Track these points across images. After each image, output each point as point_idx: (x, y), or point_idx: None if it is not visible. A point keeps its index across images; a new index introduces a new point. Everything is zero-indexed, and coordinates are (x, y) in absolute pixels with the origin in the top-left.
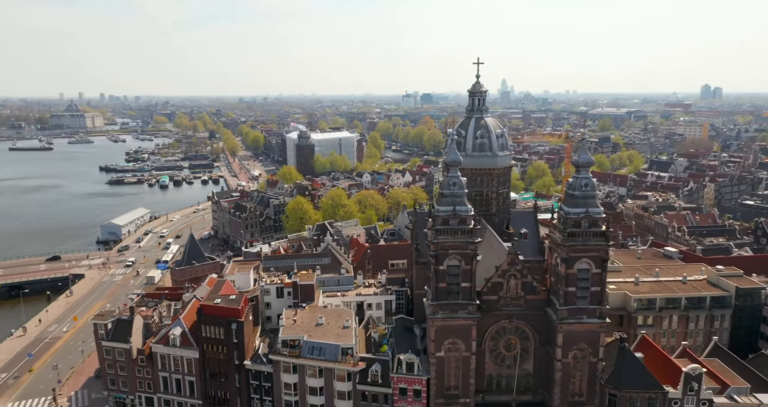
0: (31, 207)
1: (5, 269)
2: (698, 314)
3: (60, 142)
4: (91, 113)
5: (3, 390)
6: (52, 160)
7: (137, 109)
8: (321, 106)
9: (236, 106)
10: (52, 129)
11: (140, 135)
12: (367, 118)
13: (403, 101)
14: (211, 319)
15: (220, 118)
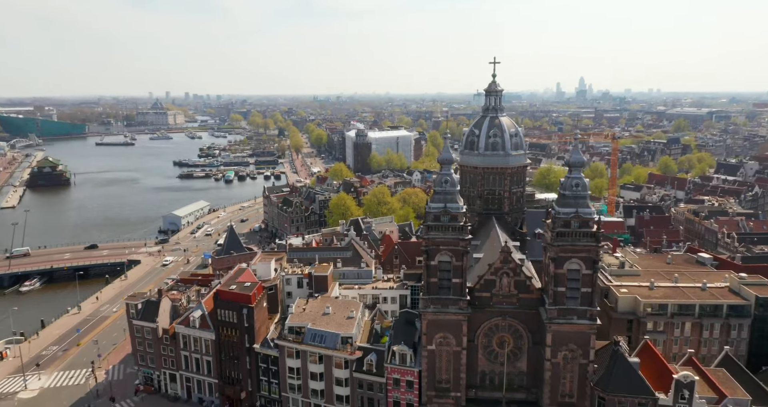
0: (107, 199)
1: (72, 253)
2: (713, 322)
3: (142, 138)
4: (173, 111)
5: (52, 360)
6: (133, 154)
7: (216, 107)
8: (391, 105)
9: (309, 105)
10: (137, 125)
11: (216, 132)
12: (432, 117)
13: (473, 100)
14: (226, 304)
15: (290, 116)
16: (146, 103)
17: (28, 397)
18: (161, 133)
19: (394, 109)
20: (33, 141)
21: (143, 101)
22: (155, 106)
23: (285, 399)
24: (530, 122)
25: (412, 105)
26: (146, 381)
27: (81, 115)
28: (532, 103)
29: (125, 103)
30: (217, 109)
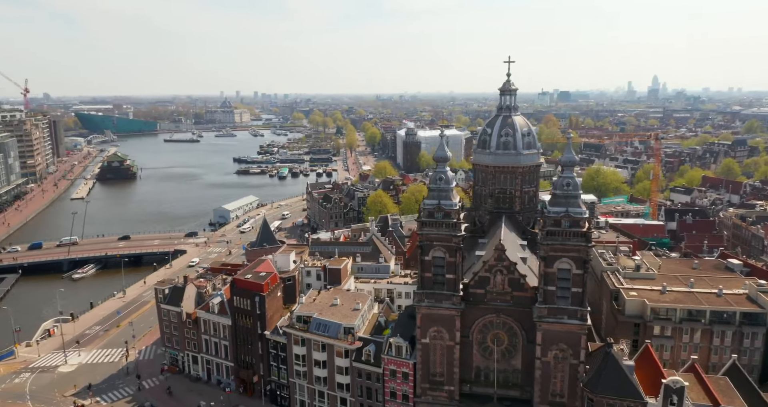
0: (166, 193)
1: (126, 242)
2: (724, 330)
3: (208, 135)
4: (240, 110)
5: (93, 339)
6: (198, 151)
7: (281, 106)
8: (452, 104)
9: (371, 104)
10: (206, 123)
11: (278, 130)
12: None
13: (537, 99)
14: (241, 292)
15: (350, 115)
16: (217, 101)
17: (67, 371)
18: (226, 131)
19: (453, 108)
20: (108, 137)
21: (214, 100)
22: (224, 104)
23: (292, 384)
24: (592, 122)
25: (473, 104)
26: (172, 362)
27: (155, 113)
28: (599, 103)
29: (197, 101)
30: (282, 107)
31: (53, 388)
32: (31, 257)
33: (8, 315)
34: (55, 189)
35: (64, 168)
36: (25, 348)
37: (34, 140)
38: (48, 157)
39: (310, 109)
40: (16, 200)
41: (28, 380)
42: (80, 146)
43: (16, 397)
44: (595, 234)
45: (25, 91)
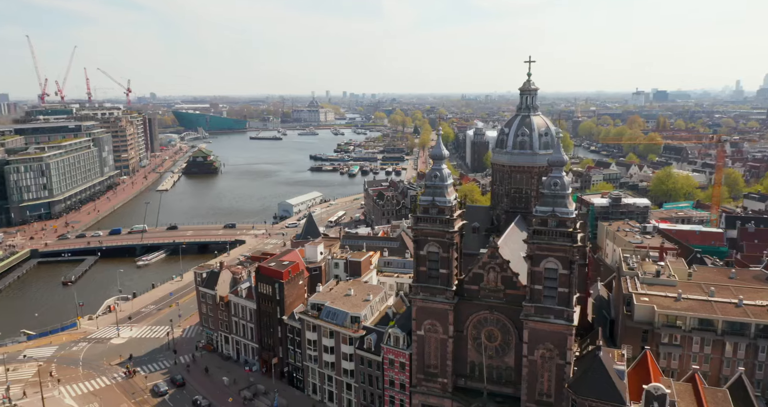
0: (242, 188)
1: (195, 231)
2: (738, 341)
3: (292, 134)
4: (325, 109)
5: (147, 316)
6: (280, 148)
7: (366, 105)
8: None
9: (455, 104)
10: (292, 122)
11: (358, 129)
12: (572, 117)
13: (631, 99)
14: (264, 278)
15: (430, 114)
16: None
17: (118, 343)
18: (309, 130)
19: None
20: (201, 134)
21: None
22: (311, 104)
23: (306, 367)
24: (683, 123)
25: (561, 104)
26: (208, 341)
27: (246, 111)
28: (699, 103)
29: (288, 101)
30: (366, 107)
31: (103, 357)
32: (110, 241)
33: (78, 291)
34: (144, 181)
35: (156, 162)
36: (87, 321)
37: (128, 136)
38: (141, 152)
39: (392, 109)
40: (109, 190)
41: (84, 349)
42: (174, 142)
43: (71, 362)
44: (637, 239)
45: (128, 91)
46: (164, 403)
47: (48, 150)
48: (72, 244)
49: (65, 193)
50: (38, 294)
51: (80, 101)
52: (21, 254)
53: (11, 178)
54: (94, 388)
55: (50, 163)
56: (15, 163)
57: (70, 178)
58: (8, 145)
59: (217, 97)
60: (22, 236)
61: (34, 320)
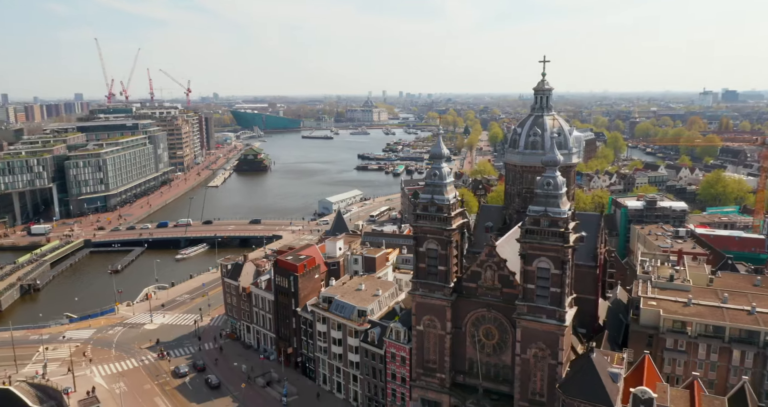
0: (288, 186)
1: (236, 226)
2: (745, 350)
3: (344, 133)
4: (379, 109)
5: (180, 304)
6: (330, 147)
7: (421, 105)
8: (600, 104)
9: (511, 104)
10: (345, 121)
11: (410, 129)
12: (629, 118)
13: (698, 99)
14: (281, 271)
15: (483, 114)
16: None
17: (150, 329)
18: (361, 129)
19: (597, 108)
20: (256, 133)
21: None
22: (366, 104)
23: (317, 358)
24: (749, 125)
25: (622, 104)
26: (232, 330)
27: (302, 111)
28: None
29: (344, 101)
30: (421, 107)
31: (134, 341)
32: (156, 234)
33: (122, 279)
34: (197, 177)
35: (210, 159)
36: (125, 307)
37: (183, 134)
38: (196, 149)
39: (446, 109)
40: (163, 185)
41: (119, 333)
42: (230, 140)
43: (105, 344)
44: (667, 243)
45: (188, 91)
46: (183, 384)
47: (106, 146)
48: (122, 235)
49: (120, 188)
50: (86, 281)
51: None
52: (75, 243)
53: (71, 173)
54: (123, 369)
55: (107, 158)
56: (75, 158)
57: (126, 173)
58: (70, 141)
59: (276, 97)
60: (78, 227)
61: (77, 304)
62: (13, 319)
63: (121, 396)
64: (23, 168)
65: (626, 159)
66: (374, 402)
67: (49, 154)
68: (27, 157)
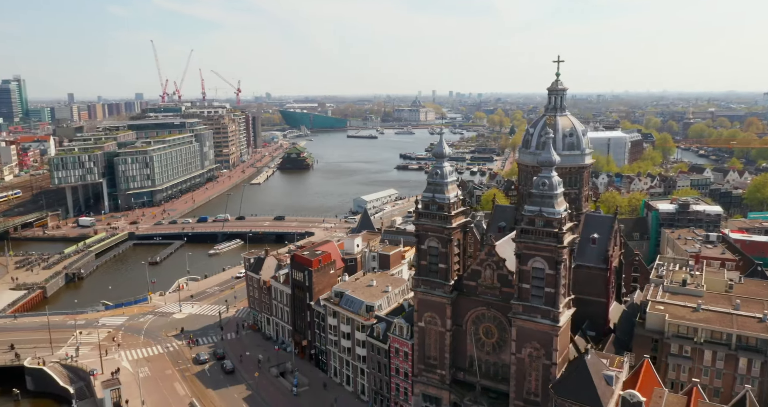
0: (327, 184)
1: (271, 222)
2: (752, 358)
3: (389, 132)
4: (426, 108)
5: (209, 296)
6: (373, 146)
7: (469, 105)
8: (656, 104)
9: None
10: (392, 121)
11: (456, 128)
12: (683, 118)
13: (762, 99)
14: (297, 265)
15: (530, 114)
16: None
17: (178, 318)
18: (407, 129)
19: (651, 109)
20: (303, 132)
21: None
22: (413, 103)
23: (328, 351)
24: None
25: (679, 104)
26: (254, 321)
27: (349, 110)
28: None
29: (394, 100)
30: (469, 107)
31: (162, 329)
32: (196, 228)
33: (159, 270)
34: (241, 175)
35: (256, 157)
36: (158, 297)
37: (229, 132)
38: (243, 147)
39: (494, 108)
40: (208, 182)
41: (149, 321)
42: (276, 139)
43: (135, 331)
44: (695, 248)
45: (238, 91)
46: (202, 371)
47: (153, 144)
48: (164, 229)
49: (166, 183)
50: (126, 271)
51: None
52: (120, 236)
53: (119, 169)
54: (148, 355)
55: (153, 155)
56: (123, 155)
57: (172, 169)
58: (120, 139)
59: (327, 97)
60: (125, 220)
61: (114, 292)
62: (56, 305)
63: (144, 380)
64: (76, 163)
65: (676, 161)
66: (380, 395)
67: (100, 151)
68: (79, 153)
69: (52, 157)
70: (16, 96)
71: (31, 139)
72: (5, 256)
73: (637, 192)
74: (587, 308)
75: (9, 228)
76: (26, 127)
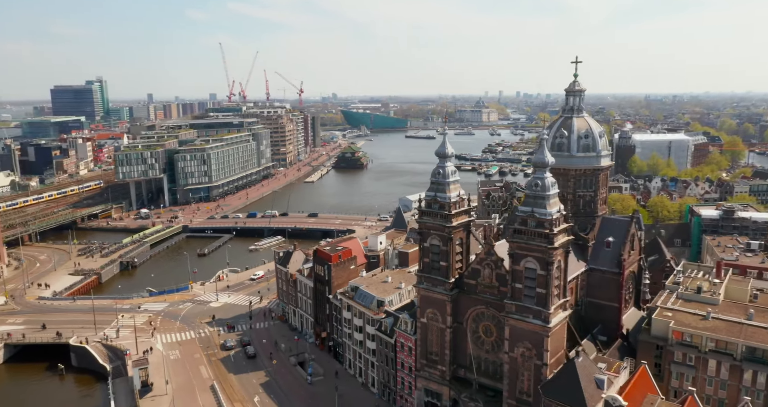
0: (377, 184)
1: (317, 219)
2: (757, 370)
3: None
4: (489, 109)
5: (245, 287)
6: (430, 147)
7: (534, 106)
8: (737, 105)
9: (634, 105)
10: (453, 122)
11: (517, 130)
12: (759, 120)
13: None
14: (319, 260)
15: (596, 116)
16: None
17: (215, 306)
18: (467, 129)
19: (729, 110)
20: (363, 132)
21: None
22: (477, 104)
23: (343, 343)
24: None
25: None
26: (282, 312)
27: (411, 111)
28: None
29: (459, 101)
30: (534, 107)
31: (198, 316)
32: (245, 223)
33: (204, 261)
34: (296, 173)
35: (313, 156)
36: (198, 286)
37: (287, 132)
38: (300, 146)
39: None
40: (264, 179)
41: (187, 308)
42: (336, 138)
43: (172, 317)
44: (733, 256)
45: (300, 92)
46: (227, 357)
47: (211, 142)
48: (215, 223)
49: (222, 180)
50: (176, 261)
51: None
52: (175, 228)
53: (179, 165)
54: (181, 339)
55: (211, 153)
56: (183, 152)
57: (228, 167)
58: (181, 137)
59: (391, 97)
60: (182, 214)
61: (160, 280)
62: (109, 290)
63: (173, 362)
64: (138, 160)
65: (746, 165)
66: (387, 388)
67: (161, 148)
68: (142, 150)
69: (116, 154)
70: (98, 96)
71: (107, 136)
72: (70, 244)
73: (690, 197)
74: (599, 312)
75: (77, 218)
76: (106, 125)
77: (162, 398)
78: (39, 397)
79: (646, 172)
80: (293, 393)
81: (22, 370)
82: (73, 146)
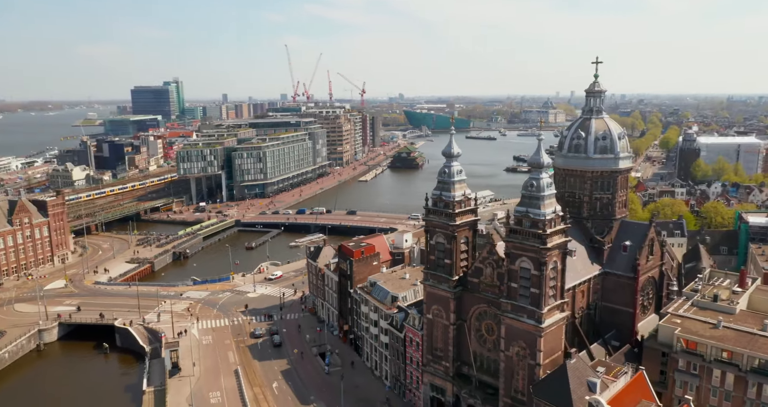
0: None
1: (362, 217)
2: (763, 382)
3: (511, 134)
4: (556, 110)
5: (283, 280)
6: (490, 148)
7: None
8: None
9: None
10: (519, 122)
11: None
12: None
13: None
14: (343, 255)
15: (670, 116)
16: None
17: (251, 297)
18: (531, 130)
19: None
20: (423, 132)
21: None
22: (544, 104)
23: (362, 336)
24: None
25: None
26: (312, 305)
27: (476, 111)
28: None
29: (529, 101)
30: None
31: (234, 305)
32: (294, 219)
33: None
34: (352, 172)
35: (371, 155)
36: (240, 277)
37: (344, 131)
38: (357, 146)
39: (629, 111)
40: (319, 177)
41: (225, 297)
42: (396, 138)
43: (210, 305)
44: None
45: (362, 92)
46: (255, 344)
47: (268, 141)
48: (266, 218)
49: (277, 177)
50: (225, 253)
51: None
52: (227, 222)
53: (236, 162)
54: (216, 326)
55: (267, 151)
56: (240, 150)
57: (284, 164)
58: (240, 135)
59: (459, 98)
60: (237, 209)
61: (204, 270)
62: (161, 278)
63: (205, 347)
64: (198, 156)
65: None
66: (398, 381)
67: (220, 146)
68: (202, 147)
69: (178, 151)
70: (174, 96)
71: (178, 134)
72: (130, 234)
73: (750, 204)
74: (613, 317)
75: (140, 210)
76: (180, 124)
77: (188, 379)
78: (84, 373)
79: (710, 176)
80: (310, 381)
81: (74, 347)
82: (145, 143)
